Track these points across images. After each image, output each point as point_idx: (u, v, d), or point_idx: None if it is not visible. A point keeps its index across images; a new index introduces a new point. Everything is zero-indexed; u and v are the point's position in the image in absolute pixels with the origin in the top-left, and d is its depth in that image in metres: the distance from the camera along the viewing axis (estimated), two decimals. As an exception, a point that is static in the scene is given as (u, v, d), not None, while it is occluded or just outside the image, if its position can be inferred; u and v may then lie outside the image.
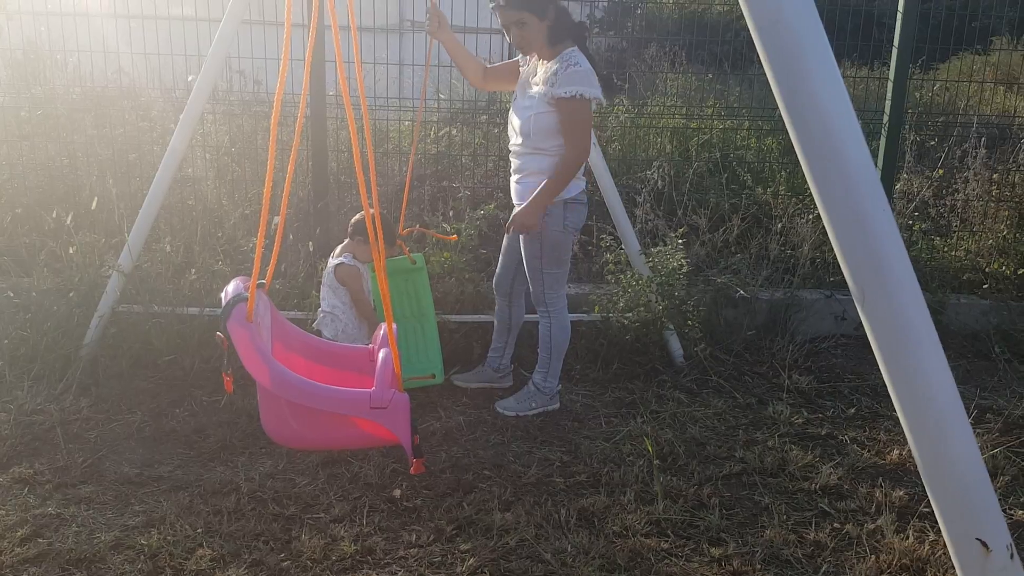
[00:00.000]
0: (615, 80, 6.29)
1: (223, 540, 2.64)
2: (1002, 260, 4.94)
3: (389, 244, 3.54)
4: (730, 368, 4.16)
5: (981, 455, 1.58)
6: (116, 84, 5.24)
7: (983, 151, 5.16)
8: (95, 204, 4.43)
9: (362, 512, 2.82)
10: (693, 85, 6.41)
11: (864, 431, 3.58)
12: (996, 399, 3.90)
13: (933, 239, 5.07)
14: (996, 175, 5.24)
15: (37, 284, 4.01)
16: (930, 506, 2.92)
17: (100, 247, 4.23)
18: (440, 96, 5.60)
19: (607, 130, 5.54)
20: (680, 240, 4.24)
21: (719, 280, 4.47)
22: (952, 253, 5.01)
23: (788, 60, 1.44)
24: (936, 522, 2.82)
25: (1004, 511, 1.76)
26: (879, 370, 4.55)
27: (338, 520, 2.78)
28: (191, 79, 4.72)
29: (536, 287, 3.53)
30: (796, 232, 4.78)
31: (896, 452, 3.35)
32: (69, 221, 4.21)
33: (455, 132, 5.53)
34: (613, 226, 4.23)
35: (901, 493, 3.03)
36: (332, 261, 3.64)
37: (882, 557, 2.66)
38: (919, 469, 1.61)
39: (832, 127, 1.45)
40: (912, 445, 1.55)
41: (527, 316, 3.92)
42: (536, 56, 3.43)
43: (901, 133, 5.01)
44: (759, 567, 2.61)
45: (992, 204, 5.20)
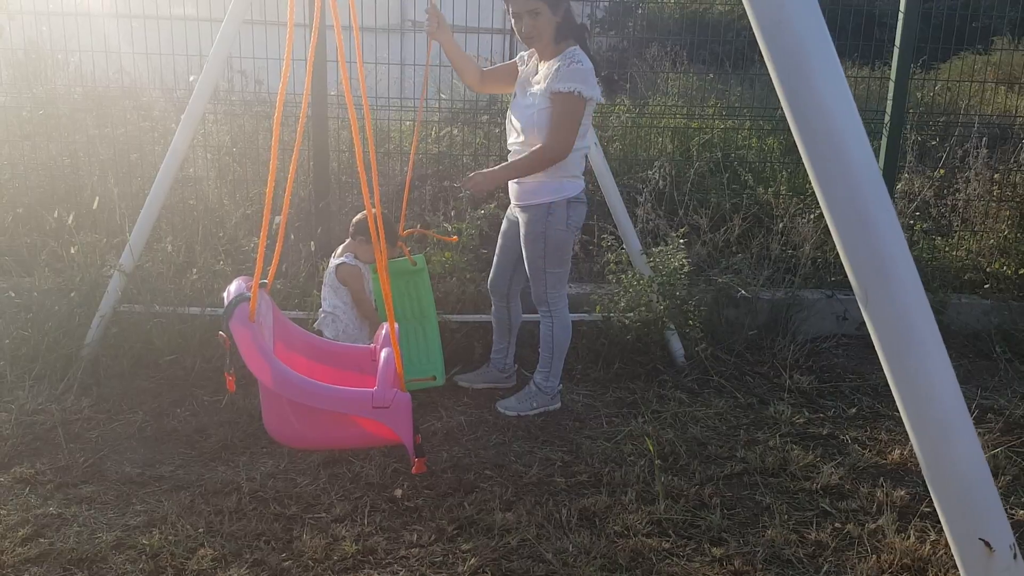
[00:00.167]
0: (616, 79, 6.31)
1: (224, 540, 2.64)
2: (1003, 260, 4.94)
3: (390, 244, 3.54)
4: (731, 368, 4.16)
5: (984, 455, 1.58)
6: (118, 84, 5.24)
7: (984, 151, 5.16)
8: (96, 204, 4.43)
9: (363, 512, 2.83)
10: (694, 85, 6.41)
11: (865, 431, 3.58)
12: (997, 399, 3.90)
13: (934, 239, 5.07)
14: (997, 175, 5.24)
15: (39, 284, 4.01)
16: (931, 506, 2.93)
17: (101, 247, 4.23)
18: (441, 96, 5.60)
19: (608, 130, 5.54)
20: (681, 240, 4.24)
21: (720, 280, 4.47)
22: (953, 253, 5.01)
23: (791, 60, 1.44)
24: (937, 522, 2.83)
25: (1005, 511, 1.76)
26: (880, 370, 4.53)
27: (339, 520, 2.78)
28: (192, 79, 4.72)
29: (538, 287, 3.54)
30: (797, 232, 4.78)
31: (897, 452, 3.35)
32: (70, 221, 4.22)
33: (456, 132, 5.53)
34: (614, 226, 4.23)
35: (902, 493, 3.03)
36: (333, 261, 3.64)
37: (883, 557, 2.66)
38: (922, 469, 1.61)
39: (835, 127, 1.45)
40: (915, 445, 1.55)
41: (527, 316, 3.92)
42: (536, 55, 3.44)
43: (902, 133, 5.01)
44: (760, 567, 2.61)
45: (993, 204, 5.20)
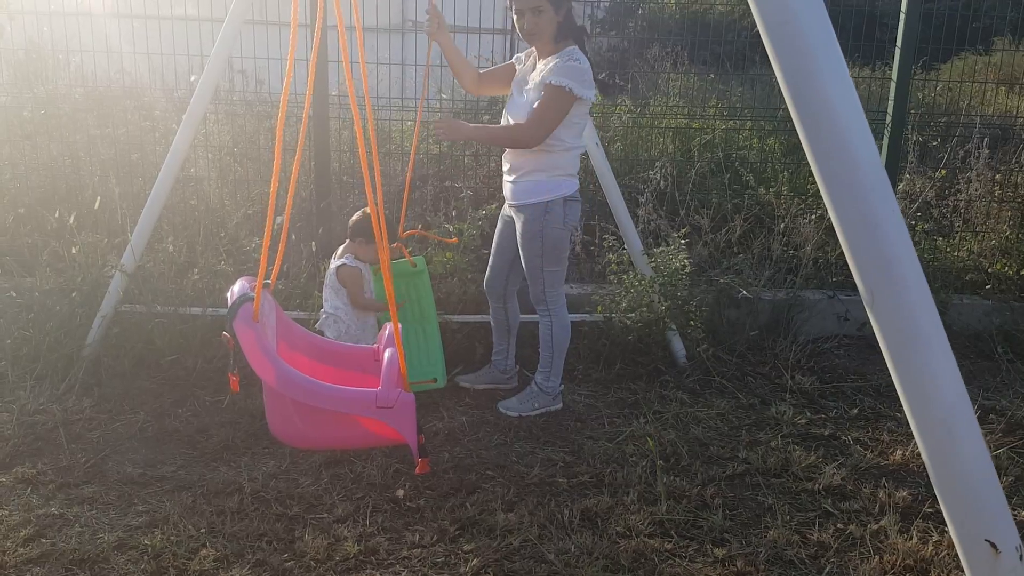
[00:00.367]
0: (617, 80, 6.32)
1: (226, 540, 2.64)
2: (1005, 260, 4.94)
3: (388, 243, 3.53)
4: (733, 368, 4.15)
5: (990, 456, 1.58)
6: (119, 84, 5.24)
7: (986, 151, 5.16)
8: (98, 204, 4.43)
9: (365, 512, 2.82)
10: (695, 85, 6.41)
11: (867, 431, 3.58)
12: (999, 399, 3.90)
13: (936, 239, 5.06)
14: (999, 175, 5.24)
15: (40, 284, 4.01)
16: (933, 506, 2.93)
17: (103, 247, 4.23)
18: (442, 96, 5.60)
19: (610, 130, 5.53)
20: (683, 240, 4.24)
21: (722, 280, 4.47)
22: (955, 254, 5.01)
23: (797, 59, 1.44)
24: (940, 522, 2.83)
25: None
26: (882, 370, 4.50)
27: (341, 520, 2.78)
28: (193, 79, 4.72)
29: (536, 287, 3.54)
30: (799, 232, 4.78)
31: (899, 452, 3.35)
32: (72, 221, 4.21)
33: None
34: (616, 226, 4.23)
35: (904, 493, 3.03)
36: (334, 263, 3.63)
37: (886, 558, 2.65)
38: (928, 470, 1.61)
39: (841, 127, 1.45)
40: (920, 446, 1.54)
41: (526, 316, 3.92)
42: (535, 54, 3.45)
43: (904, 133, 5.01)
44: (763, 568, 2.60)
45: (995, 205, 5.20)
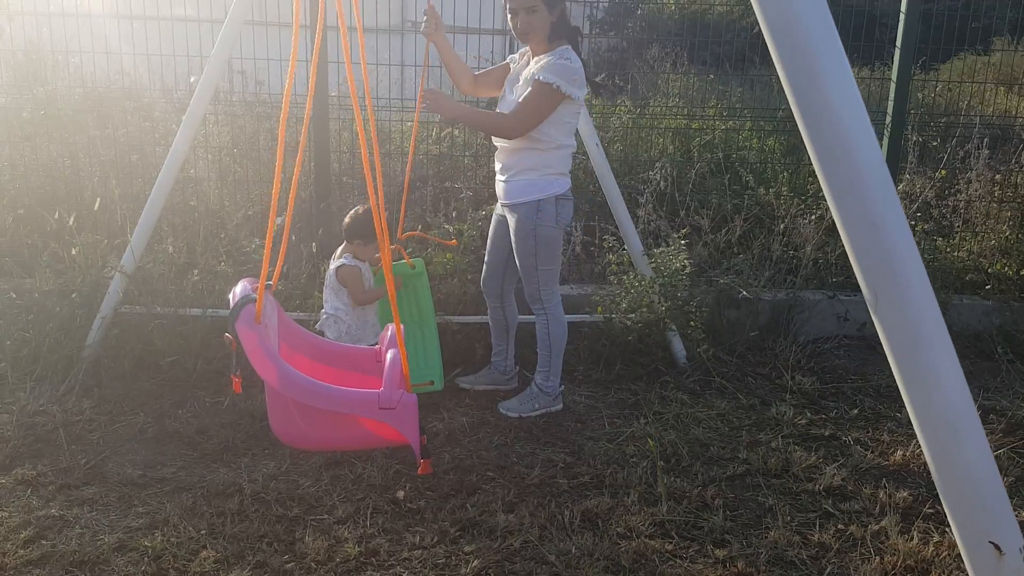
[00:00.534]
0: (617, 81, 6.32)
1: (227, 542, 2.64)
2: (1005, 261, 4.94)
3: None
4: (733, 369, 4.15)
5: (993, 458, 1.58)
6: (118, 85, 5.23)
7: (985, 152, 5.16)
8: (97, 205, 4.43)
9: (366, 514, 2.82)
10: (695, 86, 6.41)
11: (867, 432, 3.58)
12: (999, 400, 3.90)
13: (935, 240, 5.06)
14: (999, 176, 5.24)
15: (39, 285, 4.01)
16: (934, 507, 2.93)
17: (102, 248, 4.22)
18: (442, 97, 5.59)
19: (609, 131, 5.53)
20: (683, 241, 4.24)
21: (722, 281, 4.47)
22: (955, 254, 5.01)
23: (800, 59, 1.44)
24: (940, 523, 2.83)
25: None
26: (882, 371, 4.49)
27: (342, 522, 2.78)
28: (193, 80, 4.71)
29: (531, 286, 3.54)
30: (798, 233, 4.78)
31: (900, 453, 3.35)
32: (71, 222, 4.21)
33: (457, 133, 5.53)
34: (616, 227, 4.23)
35: (905, 494, 3.03)
36: (333, 264, 3.63)
37: (887, 558, 2.65)
38: (931, 472, 1.60)
39: (844, 127, 1.45)
40: (924, 448, 1.54)
41: (524, 317, 3.91)
42: (530, 52, 3.47)
43: (903, 134, 5.01)
44: (763, 568, 2.60)
45: (994, 205, 5.20)
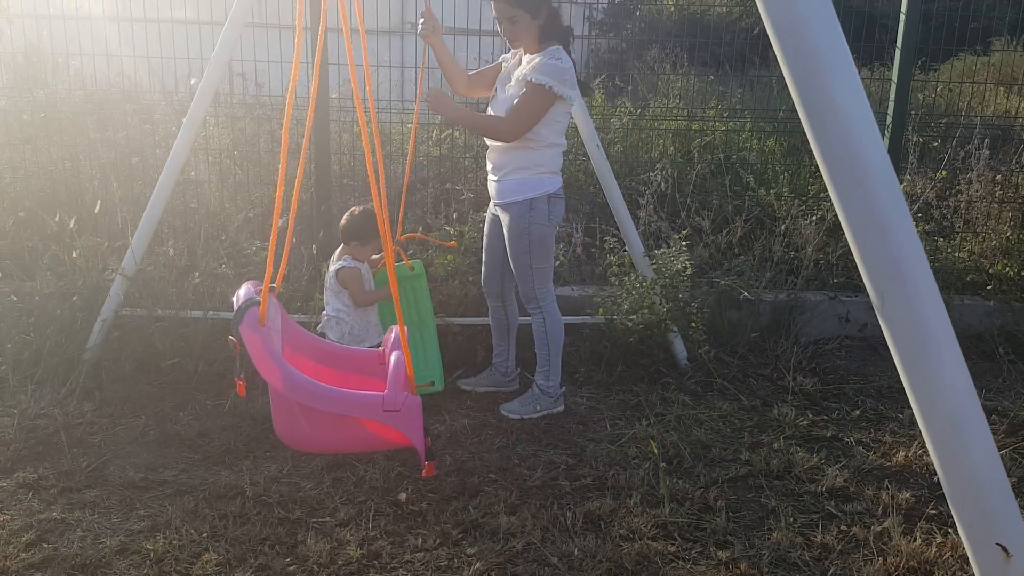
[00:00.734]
0: (617, 82, 6.32)
1: (229, 544, 2.63)
2: (1006, 261, 4.93)
3: (378, 237, 3.50)
4: (734, 370, 4.15)
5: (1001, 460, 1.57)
6: (118, 87, 5.23)
7: (986, 152, 5.16)
8: (98, 208, 4.43)
9: (368, 516, 2.82)
10: (695, 87, 6.41)
11: (869, 433, 3.58)
12: (1001, 400, 3.90)
13: (936, 240, 5.06)
14: (999, 176, 5.24)
15: (40, 288, 4.00)
16: (937, 508, 2.93)
17: (103, 251, 4.22)
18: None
19: (610, 132, 5.53)
20: (684, 242, 4.23)
21: (723, 282, 4.47)
22: (956, 254, 5.00)
23: (806, 61, 1.43)
24: (943, 524, 2.83)
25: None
26: (883, 371, 4.48)
27: (344, 524, 2.78)
28: (193, 82, 4.71)
29: (526, 285, 3.54)
30: (799, 233, 4.78)
31: (902, 454, 3.35)
32: (72, 225, 4.21)
33: (457, 134, 5.53)
34: (617, 228, 4.23)
35: (907, 495, 3.03)
36: (332, 266, 3.63)
37: (890, 559, 2.65)
38: (938, 474, 1.60)
39: (851, 128, 1.44)
40: (931, 450, 1.54)
41: (523, 319, 3.91)
42: (523, 51, 3.47)
43: (904, 134, 5.01)
44: (766, 570, 2.60)
45: (995, 205, 5.20)
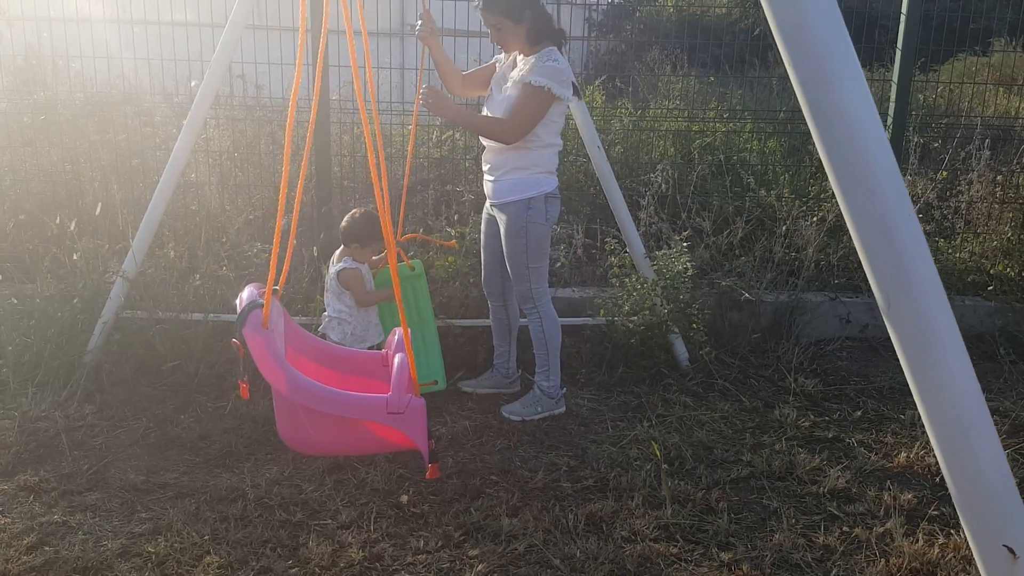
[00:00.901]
0: (617, 83, 6.32)
1: (230, 547, 2.63)
2: (1007, 262, 4.93)
3: (378, 239, 3.51)
4: (736, 371, 4.15)
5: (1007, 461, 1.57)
6: (118, 90, 5.23)
7: (987, 153, 5.16)
8: (99, 210, 4.42)
9: (369, 518, 2.81)
10: (695, 88, 6.41)
11: (871, 434, 3.57)
12: (1002, 401, 3.89)
13: (937, 241, 5.06)
14: (1000, 176, 5.24)
15: (41, 290, 4.00)
16: (939, 509, 2.93)
17: (104, 253, 4.22)
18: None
19: (610, 133, 5.53)
20: (684, 243, 4.23)
21: (724, 283, 4.47)
22: (956, 255, 5.00)
23: (813, 64, 1.44)
24: (946, 525, 2.83)
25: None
26: (884, 372, 4.48)
27: (345, 526, 2.77)
28: (194, 84, 4.71)
29: (522, 284, 3.54)
30: (800, 234, 4.78)
31: (904, 455, 3.34)
32: (72, 227, 4.21)
33: (458, 136, 5.53)
34: (617, 229, 4.23)
35: (910, 496, 3.02)
36: (333, 268, 3.63)
37: (892, 561, 2.65)
38: (944, 476, 1.60)
39: (857, 131, 1.44)
40: (937, 451, 1.54)
41: (524, 320, 3.90)
42: (517, 53, 3.49)
43: (904, 135, 5.01)
44: (769, 571, 2.60)
45: (996, 206, 5.20)
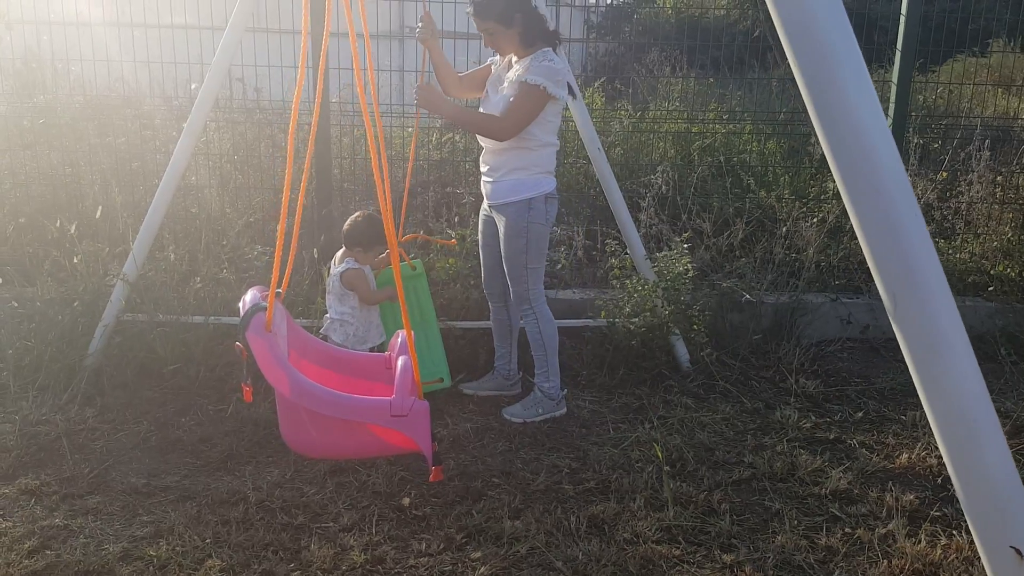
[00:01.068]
0: (617, 85, 6.33)
1: (232, 550, 2.63)
2: (1007, 262, 4.93)
3: (381, 243, 3.51)
4: (737, 373, 4.14)
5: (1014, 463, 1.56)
6: (118, 93, 5.23)
7: (986, 153, 5.16)
8: (99, 213, 4.42)
9: (371, 521, 2.81)
10: (694, 89, 6.42)
11: (872, 435, 3.57)
12: (1003, 402, 3.89)
13: (937, 242, 5.06)
14: (1000, 177, 5.24)
15: (41, 294, 4.00)
16: (941, 510, 2.92)
17: (104, 256, 4.22)
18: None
19: (610, 135, 5.54)
20: (685, 244, 4.23)
21: (724, 284, 4.47)
22: (957, 256, 5.01)
23: (818, 63, 1.44)
24: (948, 526, 2.83)
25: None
26: (885, 373, 4.48)
27: (347, 529, 2.77)
28: (194, 87, 4.72)
29: (519, 285, 3.54)
30: (800, 235, 4.78)
31: (905, 456, 3.34)
32: (73, 230, 4.21)
33: (458, 138, 5.53)
34: (618, 231, 4.23)
35: (911, 497, 3.02)
36: (335, 270, 3.62)
37: (894, 562, 2.64)
38: (951, 476, 1.59)
39: (863, 131, 1.44)
40: (944, 452, 1.53)
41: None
42: (512, 55, 3.50)
43: (904, 136, 5.01)
44: (771, 573, 2.59)
45: (996, 206, 5.20)
